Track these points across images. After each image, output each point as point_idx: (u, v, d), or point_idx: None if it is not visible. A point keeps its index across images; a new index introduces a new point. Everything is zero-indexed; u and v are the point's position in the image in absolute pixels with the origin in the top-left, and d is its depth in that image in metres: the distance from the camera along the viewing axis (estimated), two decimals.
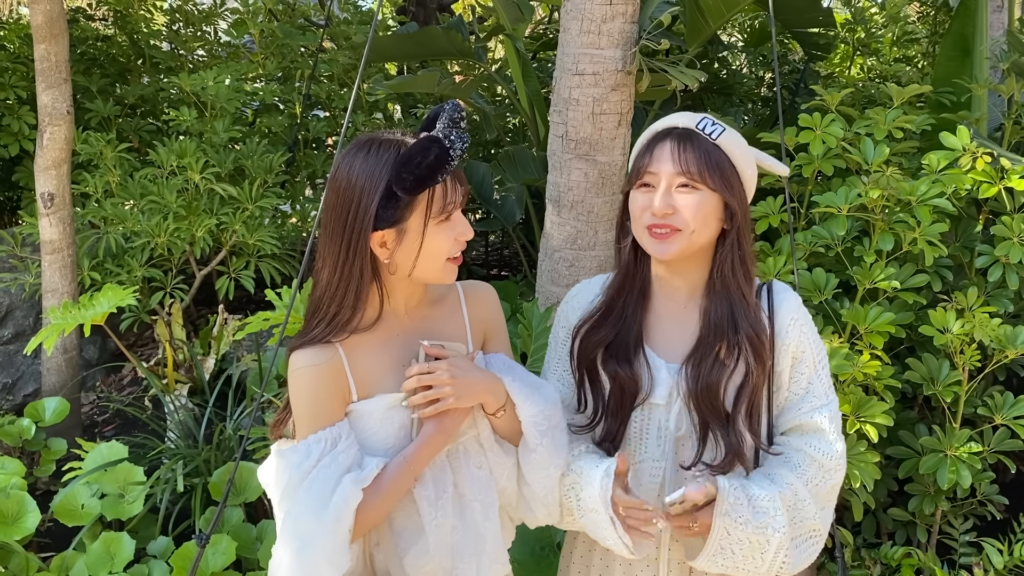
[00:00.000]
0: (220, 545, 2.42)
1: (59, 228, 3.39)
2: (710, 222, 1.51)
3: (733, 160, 1.52)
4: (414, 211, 1.37)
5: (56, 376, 3.45)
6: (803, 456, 1.54)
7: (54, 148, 3.34)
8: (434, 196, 1.37)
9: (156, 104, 5.00)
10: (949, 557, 2.74)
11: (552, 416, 1.49)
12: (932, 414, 2.91)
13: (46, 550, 2.83)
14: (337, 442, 1.40)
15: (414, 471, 1.42)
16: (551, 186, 2.95)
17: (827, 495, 1.55)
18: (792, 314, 1.56)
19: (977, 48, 3.52)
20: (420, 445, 1.42)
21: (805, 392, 1.56)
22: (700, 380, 1.52)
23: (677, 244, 1.50)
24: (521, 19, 4.22)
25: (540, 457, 1.49)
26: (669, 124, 1.55)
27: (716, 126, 1.52)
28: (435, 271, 1.42)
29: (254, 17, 5.01)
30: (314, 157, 4.76)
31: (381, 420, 1.44)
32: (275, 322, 2.62)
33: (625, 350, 1.58)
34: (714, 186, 1.49)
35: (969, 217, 2.95)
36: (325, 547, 1.34)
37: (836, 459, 1.54)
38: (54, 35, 3.24)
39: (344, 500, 1.35)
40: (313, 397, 1.41)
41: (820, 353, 1.59)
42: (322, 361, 1.41)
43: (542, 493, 1.51)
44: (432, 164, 1.34)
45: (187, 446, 2.99)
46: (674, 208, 1.48)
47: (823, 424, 1.54)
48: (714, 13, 3.51)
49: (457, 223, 1.42)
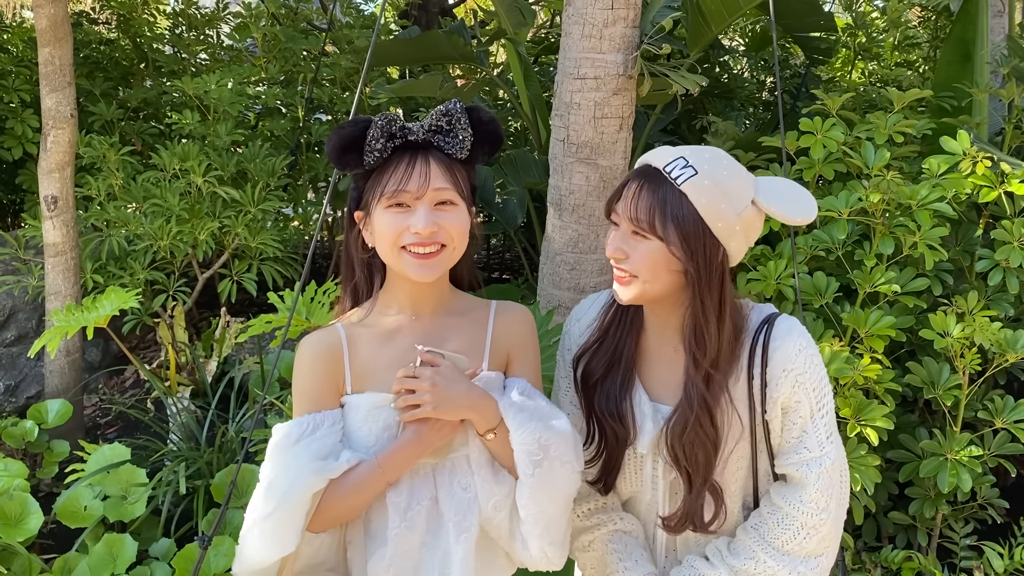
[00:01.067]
0: (222, 547, 2.43)
1: (62, 231, 3.40)
2: (660, 273, 1.40)
3: (698, 209, 1.36)
4: (372, 193, 1.42)
5: (59, 378, 3.46)
6: (781, 516, 1.49)
7: (58, 151, 3.35)
8: (383, 178, 1.40)
9: (159, 107, 5.01)
10: (950, 561, 2.74)
11: (550, 447, 1.40)
12: (933, 418, 2.91)
13: (49, 552, 2.83)
14: (317, 428, 1.42)
15: (387, 475, 1.40)
16: (552, 189, 2.96)
17: (815, 548, 1.49)
18: (785, 364, 1.44)
19: (978, 53, 3.53)
20: (394, 451, 1.40)
21: (797, 442, 1.48)
22: (679, 444, 1.46)
23: (632, 291, 1.43)
24: (523, 23, 4.23)
25: (529, 490, 1.41)
26: (645, 160, 1.45)
27: (686, 169, 1.37)
28: (390, 257, 1.42)
29: (257, 21, 5.03)
30: (316, 161, 4.77)
31: (366, 417, 1.44)
32: (277, 325, 2.63)
33: (614, 390, 1.52)
34: (663, 236, 1.37)
35: (969, 221, 2.96)
36: (274, 526, 1.36)
37: (817, 516, 1.47)
38: (58, 39, 3.25)
39: (305, 486, 1.36)
40: (307, 381, 1.46)
41: (820, 401, 1.47)
42: (323, 347, 1.46)
43: (535, 529, 1.42)
44: (342, 135, 1.39)
45: (189, 448, 3.00)
46: (625, 253, 1.41)
47: (808, 479, 1.46)
48: (716, 17, 3.52)
49: (414, 214, 1.38)
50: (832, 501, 1.48)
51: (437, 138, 1.41)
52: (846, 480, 1.56)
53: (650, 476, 1.56)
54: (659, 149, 1.46)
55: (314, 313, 2.61)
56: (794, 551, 1.48)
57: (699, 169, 1.37)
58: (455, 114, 1.40)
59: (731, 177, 1.40)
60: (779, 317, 1.49)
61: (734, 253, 1.43)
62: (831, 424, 1.49)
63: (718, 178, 1.38)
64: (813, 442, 1.47)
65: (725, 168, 1.41)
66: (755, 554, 1.49)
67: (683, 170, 1.37)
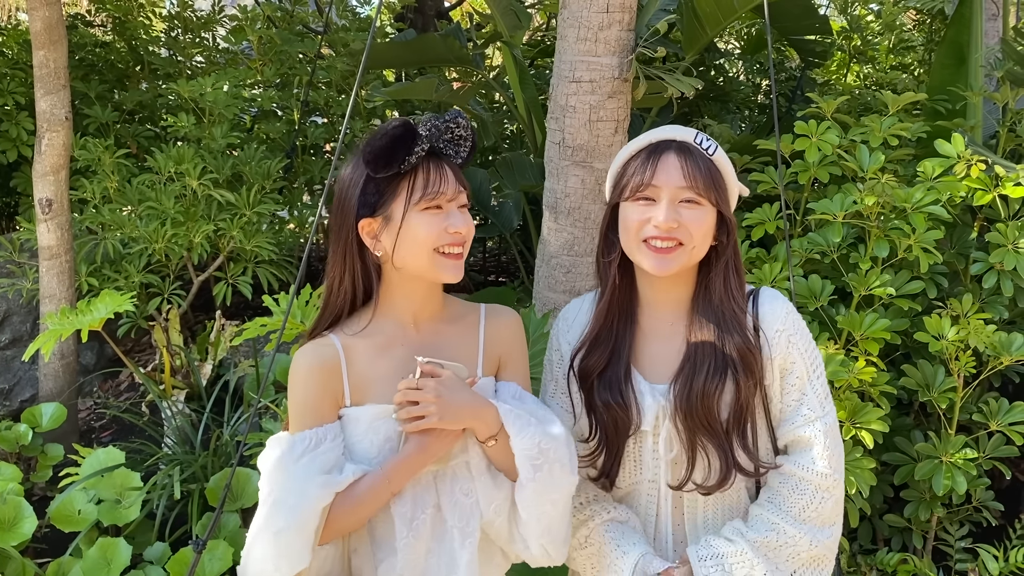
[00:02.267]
0: (217, 551, 2.42)
1: (57, 234, 3.40)
2: (708, 239, 1.50)
3: (724, 176, 1.52)
4: (396, 198, 1.40)
5: (53, 382, 3.45)
6: (795, 482, 1.52)
7: (52, 154, 3.34)
8: (415, 183, 1.40)
9: (154, 110, 5.00)
10: (945, 563, 2.74)
11: (549, 451, 1.43)
12: (928, 420, 2.91)
13: (42, 556, 2.82)
14: (320, 443, 1.41)
15: (392, 486, 1.41)
16: (548, 192, 2.96)
17: (830, 514, 1.52)
18: (778, 325, 1.53)
19: (972, 56, 3.54)
20: (399, 461, 1.41)
21: (798, 404, 1.53)
22: (691, 398, 1.49)
23: (678, 260, 1.48)
24: (519, 26, 4.23)
25: (531, 493, 1.43)
26: (665, 136, 1.51)
27: (711, 142, 1.51)
28: (423, 262, 1.42)
29: (252, 24, 5.03)
30: (312, 163, 4.76)
31: (367, 429, 1.44)
32: (272, 328, 2.63)
33: (616, 380, 1.55)
34: (714, 202, 1.48)
35: (964, 224, 2.96)
36: (287, 542, 1.35)
37: (831, 476, 1.51)
38: (53, 41, 3.25)
39: (314, 501, 1.36)
40: (306, 395, 1.44)
41: (814, 362, 1.55)
42: (320, 362, 1.44)
43: (537, 530, 1.45)
44: (391, 135, 1.37)
45: (184, 452, 2.99)
46: (679, 222, 1.46)
47: (816, 438, 1.51)
48: (711, 21, 3.53)
49: (449, 215, 1.42)
50: (840, 462, 1.53)
51: (444, 145, 1.45)
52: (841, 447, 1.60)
53: (651, 459, 1.57)
54: (668, 127, 1.55)
55: (309, 316, 2.61)
56: (811, 518, 1.51)
57: (715, 142, 1.53)
58: (461, 123, 1.44)
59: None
60: (761, 289, 1.59)
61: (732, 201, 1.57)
62: (825, 386, 1.56)
63: (723, 152, 1.55)
64: (814, 402, 1.53)
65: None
66: (775, 525, 1.51)
67: (709, 142, 1.51)
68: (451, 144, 1.44)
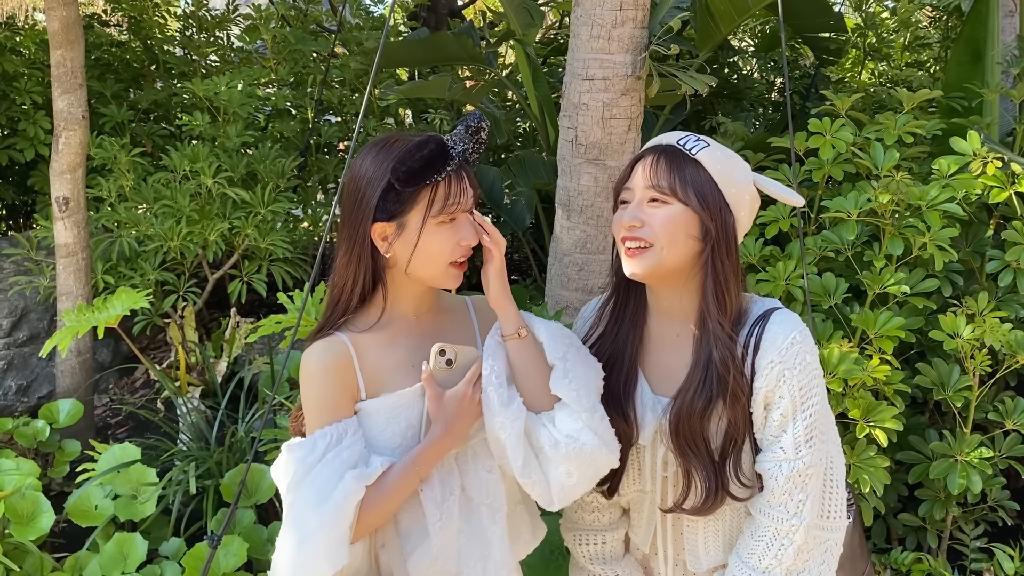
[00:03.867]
0: (232, 546, 2.44)
1: (73, 232, 3.42)
2: (679, 238, 1.43)
3: (713, 175, 1.44)
4: (415, 207, 1.40)
5: (70, 378, 3.48)
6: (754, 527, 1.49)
7: (69, 153, 3.37)
8: (436, 195, 1.40)
9: (169, 109, 5.03)
10: (960, 563, 2.73)
11: (573, 337, 1.48)
12: (942, 419, 2.90)
13: (60, 550, 2.85)
14: (343, 438, 1.41)
15: (420, 472, 1.43)
16: (561, 190, 2.96)
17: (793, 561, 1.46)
18: (773, 355, 1.43)
19: (988, 53, 3.51)
20: (427, 447, 1.43)
21: (774, 440, 1.46)
22: (680, 419, 1.45)
23: (647, 261, 1.43)
24: (532, 24, 4.23)
25: (566, 367, 1.42)
26: (653, 143, 1.51)
27: (699, 142, 1.46)
28: (435, 273, 1.44)
29: (267, 23, 5.05)
30: (326, 162, 4.78)
31: (387, 419, 1.45)
32: (287, 325, 2.64)
33: (617, 387, 1.53)
34: (684, 199, 1.42)
35: (980, 222, 2.94)
36: (324, 542, 1.35)
37: (788, 522, 1.44)
38: (70, 41, 3.27)
39: (345, 496, 1.36)
40: (322, 392, 1.44)
41: (806, 403, 1.44)
42: (332, 357, 1.44)
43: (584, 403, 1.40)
44: (427, 158, 1.37)
45: (199, 448, 3.01)
46: (642, 221, 1.43)
47: (777, 480, 1.44)
48: (725, 18, 3.52)
49: (461, 227, 1.43)
50: (805, 508, 1.44)
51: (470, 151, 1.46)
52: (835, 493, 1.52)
53: (650, 473, 1.56)
54: (666, 134, 1.53)
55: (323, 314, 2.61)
56: (771, 568, 1.46)
57: (709, 143, 1.47)
58: (483, 128, 1.44)
59: (733, 155, 1.50)
60: (778, 310, 1.49)
61: (742, 224, 1.49)
62: (814, 429, 1.45)
63: (726, 152, 1.48)
64: (789, 443, 1.44)
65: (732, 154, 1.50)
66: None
67: (696, 142, 1.46)
68: (472, 147, 1.45)
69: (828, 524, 1.50)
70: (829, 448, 1.51)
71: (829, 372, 2.43)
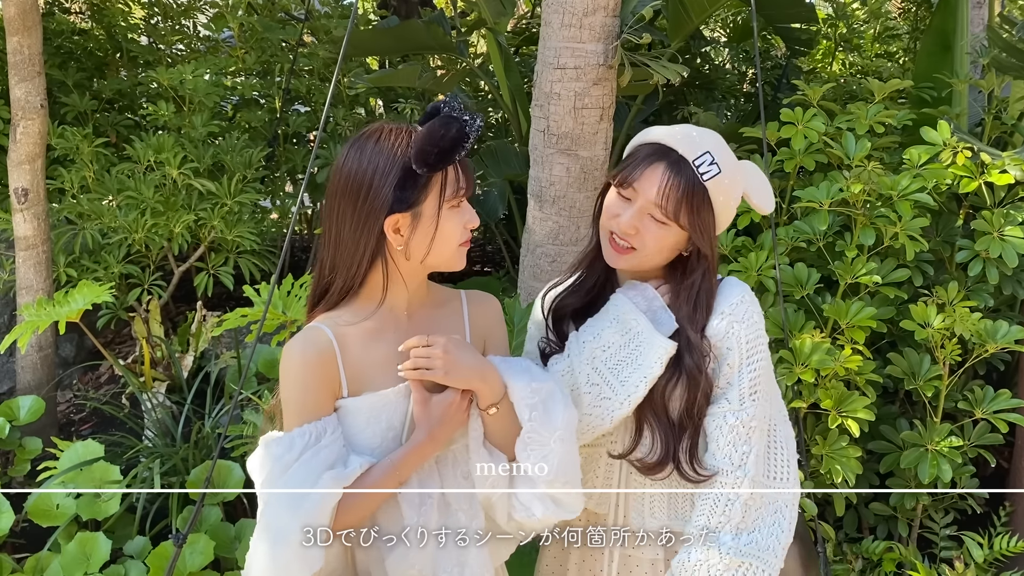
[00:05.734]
0: (198, 545, 2.39)
1: (33, 224, 3.34)
2: (665, 252, 1.53)
3: (714, 204, 1.50)
4: (429, 194, 1.37)
5: (31, 374, 3.40)
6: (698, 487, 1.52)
7: (27, 142, 3.28)
8: (447, 179, 1.38)
9: (134, 99, 4.93)
10: (930, 551, 2.74)
11: (541, 390, 1.44)
12: (913, 409, 2.92)
13: (20, 551, 2.78)
14: (321, 437, 1.38)
15: (400, 476, 1.40)
16: (533, 181, 2.93)
17: (742, 519, 1.48)
18: (724, 308, 1.53)
19: (958, 44, 3.53)
20: (408, 451, 1.40)
21: (722, 394, 1.52)
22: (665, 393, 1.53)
23: (628, 261, 1.53)
24: (503, 13, 4.19)
25: (532, 434, 1.41)
26: (671, 143, 1.50)
27: (712, 166, 1.49)
28: (448, 256, 1.43)
29: (233, 11, 4.96)
30: (294, 152, 4.71)
31: (368, 419, 1.42)
32: (253, 318, 2.59)
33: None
34: (684, 225, 1.49)
35: (950, 212, 2.96)
36: (299, 544, 1.32)
37: (732, 472, 1.48)
38: (27, 27, 3.18)
39: (322, 498, 1.32)
40: (302, 389, 1.40)
41: (752, 356, 1.53)
42: (314, 353, 1.40)
43: (546, 478, 1.41)
44: (455, 138, 1.34)
45: (165, 444, 2.95)
46: (637, 231, 1.49)
47: (721, 430, 1.50)
48: (696, 8, 3.50)
49: (465, 210, 1.43)
50: (749, 460, 1.49)
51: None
52: (781, 456, 1.56)
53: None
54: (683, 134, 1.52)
55: (290, 306, 2.57)
56: (720, 525, 1.48)
57: (723, 168, 1.49)
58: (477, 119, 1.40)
59: (735, 173, 1.53)
60: (729, 277, 1.61)
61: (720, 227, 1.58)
62: (758, 384, 1.52)
63: (734, 179, 1.52)
64: (735, 395, 1.51)
65: (733, 165, 1.53)
66: (687, 544, 1.50)
67: (710, 167, 1.49)
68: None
69: (775, 485, 1.54)
70: (772, 412, 1.57)
71: (801, 362, 2.43)
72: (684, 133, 1.53)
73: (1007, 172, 2.69)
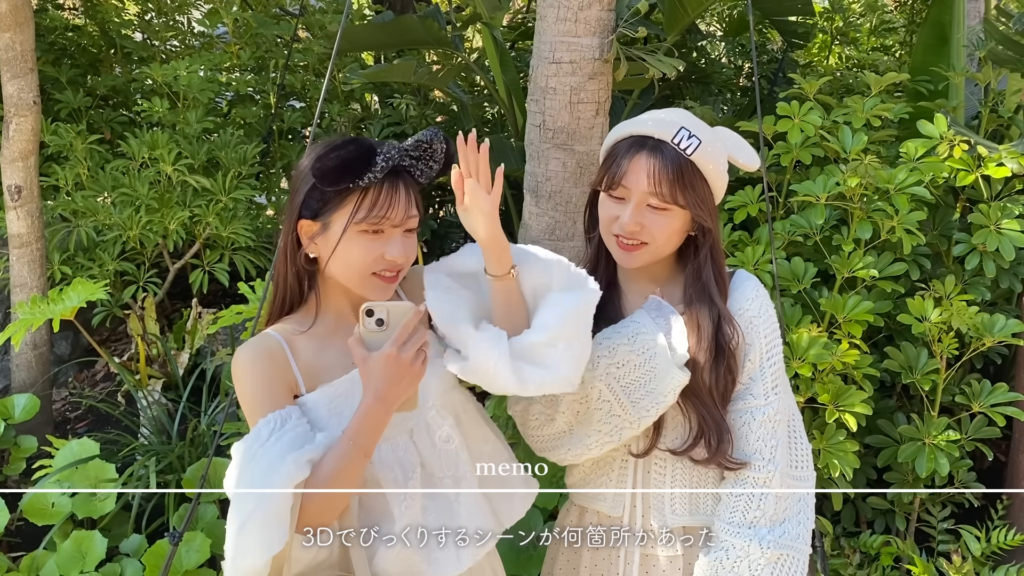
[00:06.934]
0: (194, 543, 2.39)
1: (27, 221, 3.33)
2: (675, 238, 1.53)
3: (706, 175, 1.51)
4: (339, 210, 1.37)
5: (26, 372, 3.39)
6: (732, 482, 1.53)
7: (20, 139, 3.27)
8: (362, 202, 1.36)
9: (128, 95, 4.90)
10: (927, 545, 2.74)
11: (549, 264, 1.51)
12: (911, 402, 2.91)
13: (16, 550, 2.77)
14: (286, 421, 1.37)
15: (362, 447, 1.33)
16: (529, 176, 2.92)
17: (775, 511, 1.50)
18: (743, 304, 1.55)
19: (954, 36, 3.52)
20: (359, 417, 1.34)
21: (744, 388, 1.54)
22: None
23: (643, 258, 1.52)
24: (499, 8, 4.18)
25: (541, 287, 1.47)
26: (643, 132, 1.50)
27: (692, 139, 1.48)
28: (354, 280, 1.41)
29: (228, 7, 4.93)
30: (289, 148, 4.69)
31: (330, 411, 1.41)
32: (248, 315, 2.58)
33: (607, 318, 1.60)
34: (684, 205, 1.49)
35: (947, 205, 2.95)
36: (259, 525, 1.29)
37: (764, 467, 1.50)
38: (19, 23, 3.16)
39: (285, 475, 1.30)
40: (258, 385, 1.40)
41: (771, 350, 1.56)
42: (265, 352, 1.42)
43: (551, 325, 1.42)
44: (344, 159, 1.33)
45: (160, 442, 2.95)
46: (643, 226, 1.49)
47: (750, 427, 1.51)
48: (692, 2, 3.49)
49: (389, 242, 1.39)
50: (777, 453, 1.51)
51: (411, 162, 1.41)
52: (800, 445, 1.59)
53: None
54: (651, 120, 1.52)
55: None
56: (758, 520, 1.49)
57: (702, 138, 1.50)
58: (436, 144, 1.41)
59: (715, 139, 1.53)
60: (738, 270, 1.63)
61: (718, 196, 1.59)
62: (779, 376, 1.55)
63: (715, 146, 1.52)
64: (759, 389, 1.53)
65: (709, 132, 1.53)
66: (723, 541, 1.50)
67: (690, 140, 1.48)
68: (419, 162, 1.41)
69: (798, 474, 1.56)
70: (789, 401, 1.60)
71: (798, 357, 2.43)
72: (653, 118, 1.53)
73: (1004, 165, 2.68)
